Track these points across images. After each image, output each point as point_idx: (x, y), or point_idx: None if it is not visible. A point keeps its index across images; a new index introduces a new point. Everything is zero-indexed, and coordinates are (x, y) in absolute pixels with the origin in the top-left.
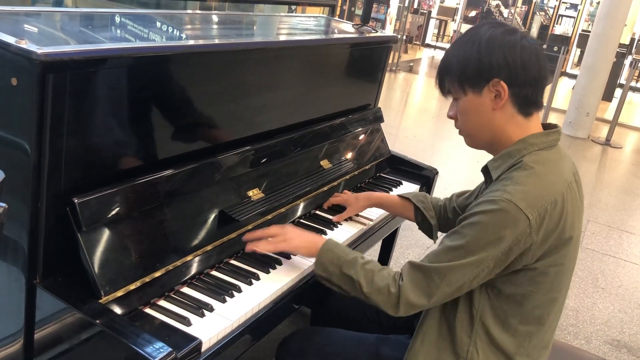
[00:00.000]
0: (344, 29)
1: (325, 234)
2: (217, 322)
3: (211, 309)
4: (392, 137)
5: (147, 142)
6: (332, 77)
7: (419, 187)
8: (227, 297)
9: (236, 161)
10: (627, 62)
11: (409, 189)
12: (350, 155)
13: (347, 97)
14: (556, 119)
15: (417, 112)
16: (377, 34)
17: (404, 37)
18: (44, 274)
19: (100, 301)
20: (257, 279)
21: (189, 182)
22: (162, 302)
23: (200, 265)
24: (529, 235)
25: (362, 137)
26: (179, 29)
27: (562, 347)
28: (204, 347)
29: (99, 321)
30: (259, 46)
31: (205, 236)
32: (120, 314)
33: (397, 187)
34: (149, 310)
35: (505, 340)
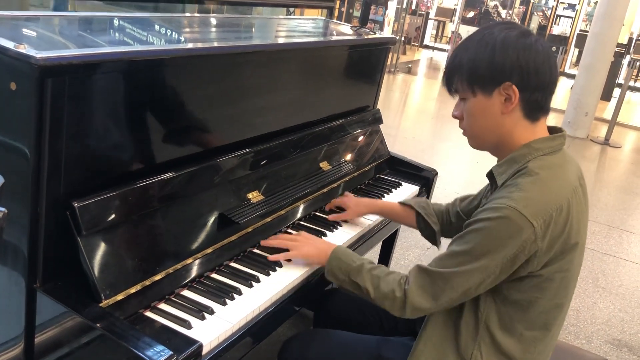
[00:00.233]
0: (342, 31)
1: (325, 235)
2: (218, 324)
3: (212, 312)
4: (391, 138)
5: (146, 145)
6: (331, 79)
7: (419, 188)
8: (227, 300)
9: (235, 164)
10: (625, 61)
11: (408, 190)
12: (349, 156)
13: (346, 99)
14: (555, 118)
15: (416, 113)
16: (376, 35)
17: (402, 39)
18: (44, 278)
19: (100, 305)
20: (258, 281)
21: (189, 185)
22: (163, 305)
23: (200, 268)
24: (534, 242)
25: (361, 138)
26: (178, 32)
27: (563, 347)
28: (204, 350)
29: (99, 325)
30: (257, 49)
31: (205, 239)
32: (120, 317)
33: (396, 189)
34: (149, 313)
35: (510, 345)
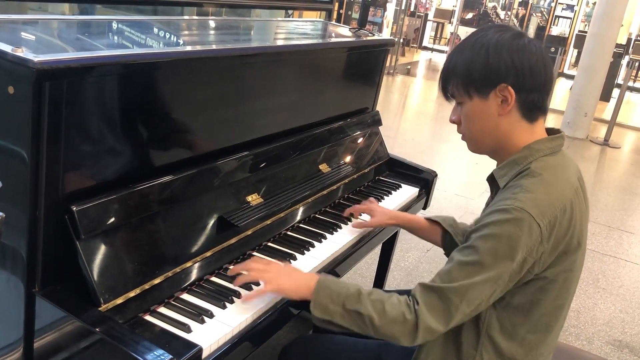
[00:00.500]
0: (341, 32)
1: (325, 237)
2: (217, 328)
3: (211, 316)
4: (391, 140)
5: (145, 148)
6: (330, 81)
7: (418, 190)
8: (227, 303)
9: (235, 166)
10: (624, 62)
11: (408, 192)
12: (349, 159)
13: (345, 101)
14: (554, 119)
15: (415, 115)
16: (374, 37)
17: (401, 40)
18: (42, 282)
19: (99, 309)
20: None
21: (188, 188)
22: (162, 309)
23: (199, 271)
24: (541, 243)
25: (360, 140)
26: (177, 34)
27: (564, 349)
28: (204, 354)
29: (98, 329)
30: (256, 51)
31: (204, 242)
32: (120, 321)
33: (396, 190)
34: (148, 317)
35: (512, 350)
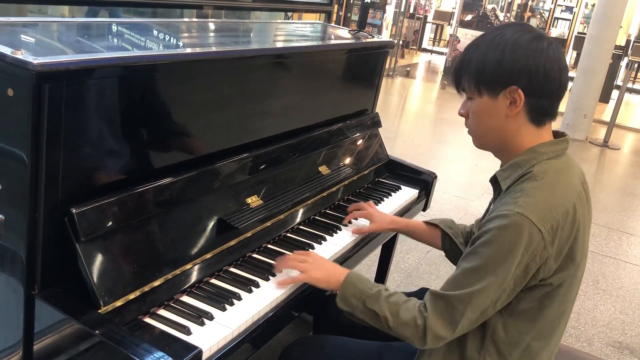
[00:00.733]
0: (341, 34)
1: (324, 239)
2: (218, 330)
3: (211, 318)
4: (390, 142)
5: (144, 150)
6: (330, 83)
7: (418, 192)
8: (227, 305)
9: (234, 168)
10: (623, 63)
11: (407, 194)
12: (348, 160)
13: (345, 103)
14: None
15: (415, 117)
16: (374, 39)
17: (401, 42)
18: (42, 284)
19: (99, 311)
20: (257, 286)
21: (187, 190)
22: (162, 311)
23: (199, 273)
24: (544, 248)
25: (360, 142)
26: (176, 37)
27: (564, 350)
28: (204, 356)
29: (98, 331)
30: (256, 53)
31: (204, 244)
32: (119, 324)
33: (395, 192)
34: (148, 319)
35: (515, 356)
